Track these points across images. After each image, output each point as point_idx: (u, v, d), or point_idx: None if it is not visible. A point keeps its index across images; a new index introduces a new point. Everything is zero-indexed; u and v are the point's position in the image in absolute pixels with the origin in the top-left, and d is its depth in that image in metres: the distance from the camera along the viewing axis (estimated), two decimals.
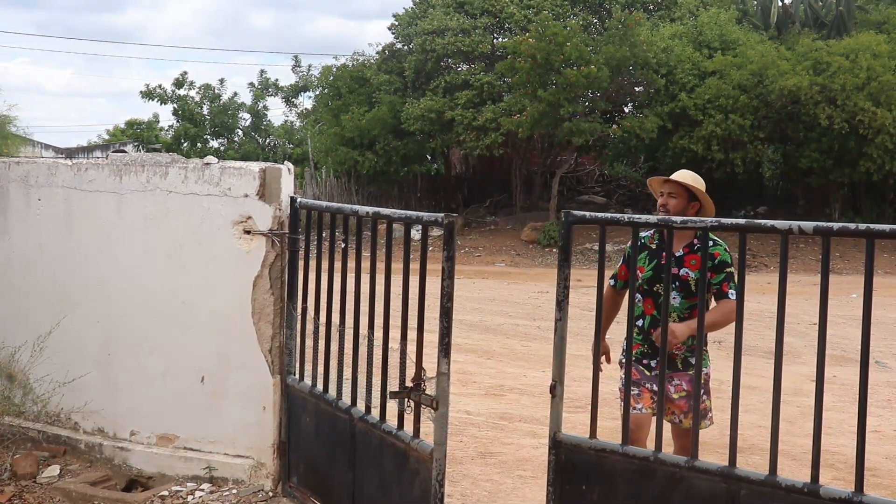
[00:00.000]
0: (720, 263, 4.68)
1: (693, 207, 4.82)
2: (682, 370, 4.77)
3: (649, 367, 4.78)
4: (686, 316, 4.68)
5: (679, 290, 4.72)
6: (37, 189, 5.94)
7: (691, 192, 4.81)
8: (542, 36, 22.61)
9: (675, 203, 4.80)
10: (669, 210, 4.78)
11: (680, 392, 4.77)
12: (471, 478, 5.96)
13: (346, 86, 28.60)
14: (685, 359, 4.76)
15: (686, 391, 4.74)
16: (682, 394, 4.77)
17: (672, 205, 4.80)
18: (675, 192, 4.81)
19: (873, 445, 6.64)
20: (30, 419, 5.98)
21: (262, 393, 5.32)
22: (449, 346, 4.03)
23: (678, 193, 4.80)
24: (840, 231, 3.44)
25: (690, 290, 4.69)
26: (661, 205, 4.85)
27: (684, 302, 4.71)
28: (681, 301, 4.72)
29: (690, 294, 4.68)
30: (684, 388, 4.76)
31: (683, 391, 4.76)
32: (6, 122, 31.35)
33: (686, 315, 4.68)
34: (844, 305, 13.75)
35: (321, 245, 5.10)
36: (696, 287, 4.61)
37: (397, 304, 4.30)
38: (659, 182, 4.96)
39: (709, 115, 23.10)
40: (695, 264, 4.66)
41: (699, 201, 4.83)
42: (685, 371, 4.75)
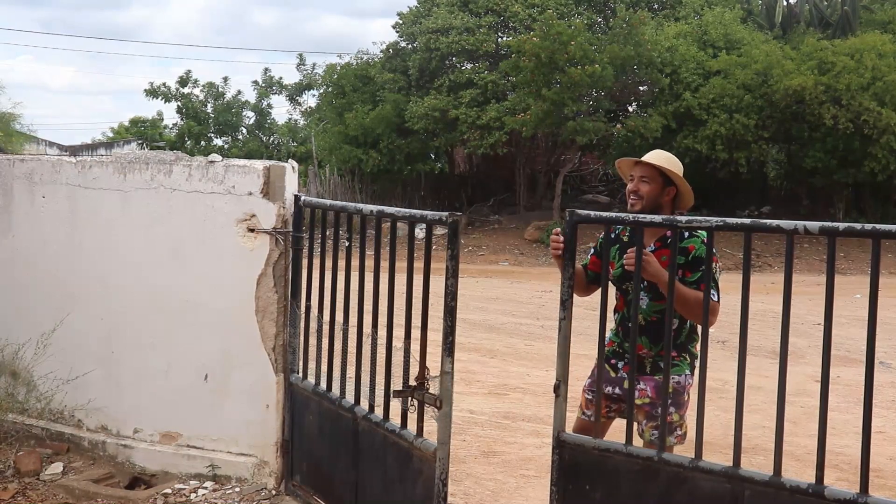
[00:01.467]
0: (695, 260, 4.19)
1: (669, 193, 4.33)
2: (650, 374, 4.31)
3: (616, 368, 4.42)
4: (654, 320, 4.26)
5: (647, 291, 4.26)
6: (41, 186, 5.94)
7: (666, 175, 4.32)
8: (547, 35, 22.59)
9: (648, 188, 4.30)
10: (642, 196, 4.31)
11: (644, 398, 4.29)
12: (474, 477, 5.95)
13: (350, 84, 28.61)
14: (655, 362, 4.28)
15: (650, 398, 4.28)
16: (646, 400, 4.30)
17: (645, 190, 4.30)
18: (648, 176, 4.31)
19: (878, 446, 6.62)
20: (33, 416, 5.98)
21: (265, 391, 5.31)
22: (453, 344, 4.03)
23: (651, 178, 4.30)
24: (846, 231, 3.43)
25: (659, 292, 4.18)
26: (632, 190, 4.34)
27: (653, 304, 4.28)
28: (648, 303, 4.29)
29: (659, 296, 4.19)
30: (648, 395, 4.29)
31: (647, 398, 4.29)
32: (10, 119, 31.40)
33: (655, 318, 4.26)
34: (849, 306, 13.72)
35: (325, 243, 5.09)
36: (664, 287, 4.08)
37: (401, 302, 4.30)
38: (629, 164, 4.42)
39: (713, 115, 23.07)
40: (666, 260, 4.08)
41: (675, 186, 4.35)
42: (653, 376, 4.29)
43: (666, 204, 4.35)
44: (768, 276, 18.77)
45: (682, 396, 4.33)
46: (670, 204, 4.37)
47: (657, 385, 4.24)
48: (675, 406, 4.27)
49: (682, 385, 4.32)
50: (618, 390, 4.41)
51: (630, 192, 4.37)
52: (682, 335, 4.34)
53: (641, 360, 4.32)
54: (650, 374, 4.33)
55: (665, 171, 4.31)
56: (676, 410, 4.30)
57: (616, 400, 4.44)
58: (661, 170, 4.31)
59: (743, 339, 3.70)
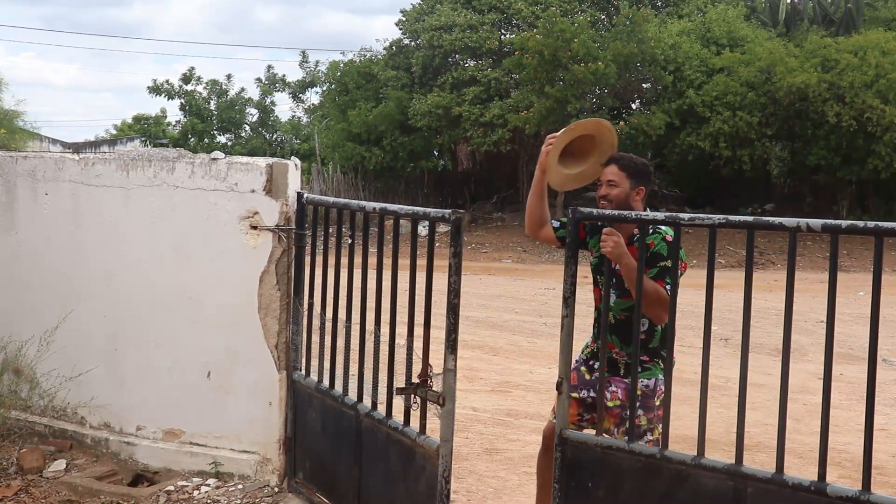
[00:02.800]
0: (653, 256, 4.11)
1: (639, 193, 4.27)
2: (623, 377, 4.25)
3: (592, 370, 4.35)
4: (623, 318, 4.20)
5: (615, 288, 4.23)
6: (44, 184, 5.94)
7: (635, 176, 4.27)
8: (550, 32, 22.60)
9: (617, 192, 4.25)
10: (611, 199, 4.25)
11: (615, 400, 4.24)
12: (477, 474, 5.96)
13: (353, 81, 28.63)
14: (628, 364, 4.19)
15: (620, 401, 4.22)
16: (617, 402, 4.24)
17: (614, 193, 4.25)
18: (616, 179, 4.26)
19: (880, 444, 6.61)
20: (36, 413, 5.99)
21: (268, 388, 5.32)
22: (456, 342, 4.03)
23: (619, 180, 4.25)
24: (849, 229, 3.42)
25: (625, 288, 4.14)
26: (601, 195, 4.29)
27: (620, 301, 4.23)
28: (616, 300, 4.24)
29: (626, 293, 4.14)
30: (619, 398, 4.23)
31: (618, 400, 4.23)
32: (14, 116, 31.38)
33: (623, 317, 4.21)
34: (852, 303, 13.72)
35: (328, 241, 5.10)
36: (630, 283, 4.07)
37: (404, 300, 4.30)
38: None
39: (716, 112, 23.05)
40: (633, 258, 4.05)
41: (643, 185, 4.28)
42: (625, 378, 4.22)
43: (636, 203, 4.29)
44: (771, 274, 18.76)
45: (651, 400, 4.22)
46: (641, 203, 4.32)
47: (627, 387, 4.16)
48: (643, 409, 4.17)
49: (652, 389, 4.22)
50: (592, 393, 4.32)
51: (599, 196, 4.33)
52: (655, 339, 4.25)
53: (615, 362, 4.26)
54: (622, 377, 4.26)
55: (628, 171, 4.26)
56: (644, 414, 4.19)
57: (589, 407, 4.35)
58: (627, 171, 4.26)
59: (745, 337, 3.70)
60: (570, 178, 4.49)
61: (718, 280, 4.09)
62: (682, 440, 6.08)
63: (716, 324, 4.32)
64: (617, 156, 4.37)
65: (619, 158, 4.35)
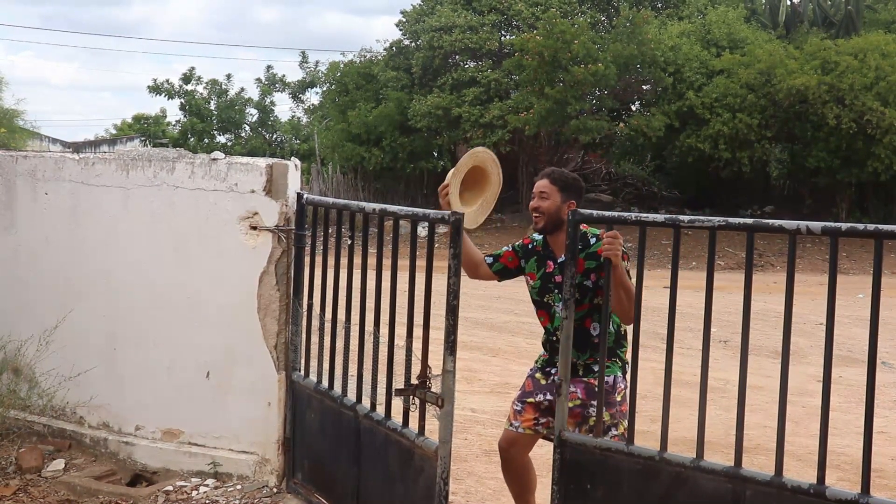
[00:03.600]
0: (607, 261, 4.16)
1: (570, 206, 4.35)
2: (582, 376, 4.37)
3: (548, 375, 4.47)
4: (576, 327, 4.25)
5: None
6: (44, 183, 5.94)
7: (565, 190, 4.41)
8: (550, 33, 22.61)
9: (548, 204, 4.39)
10: (543, 212, 4.40)
11: (574, 400, 4.31)
12: (475, 475, 5.96)
13: (353, 82, 28.63)
14: (587, 366, 4.37)
15: (581, 399, 4.33)
16: (577, 402, 4.32)
17: (545, 206, 4.40)
18: (547, 192, 4.40)
19: (880, 446, 6.61)
20: (35, 413, 5.99)
21: (267, 389, 5.32)
22: (455, 343, 4.03)
23: (550, 193, 4.39)
24: (848, 231, 3.43)
25: (575, 299, 4.24)
26: (533, 207, 4.44)
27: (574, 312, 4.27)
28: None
29: (576, 303, 4.24)
30: (579, 396, 4.33)
31: (578, 399, 4.33)
32: (14, 115, 31.37)
33: (576, 326, 4.25)
34: (851, 305, 13.71)
35: (327, 241, 5.09)
36: (581, 294, 4.28)
37: (403, 300, 4.30)
38: None
39: (716, 114, 23.07)
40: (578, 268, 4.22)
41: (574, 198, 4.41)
42: (584, 377, 4.37)
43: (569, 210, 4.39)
44: (770, 276, 18.76)
45: (612, 396, 4.35)
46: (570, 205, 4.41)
47: (587, 386, 4.35)
48: (605, 406, 4.24)
49: (613, 385, 4.36)
50: (549, 396, 4.43)
51: (531, 208, 4.47)
52: (610, 340, 4.34)
53: (573, 364, 4.33)
54: (581, 377, 4.39)
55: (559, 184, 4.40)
56: (607, 410, 4.27)
57: (545, 411, 4.45)
58: (558, 185, 4.41)
59: (745, 339, 3.70)
60: (478, 213, 4.62)
61: (718, 282, 4.10)
62: (681, 442, 6.08)
63: (715, 326, 4.31)
64: (549, 170, 4.55)
65: (550, 172, 4.51)
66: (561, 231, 4.35)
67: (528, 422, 4.46)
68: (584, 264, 4.31)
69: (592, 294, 4.35)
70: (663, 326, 4.11)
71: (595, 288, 4.32)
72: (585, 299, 4.35)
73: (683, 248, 4.06)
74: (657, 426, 4.02)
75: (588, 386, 4.35)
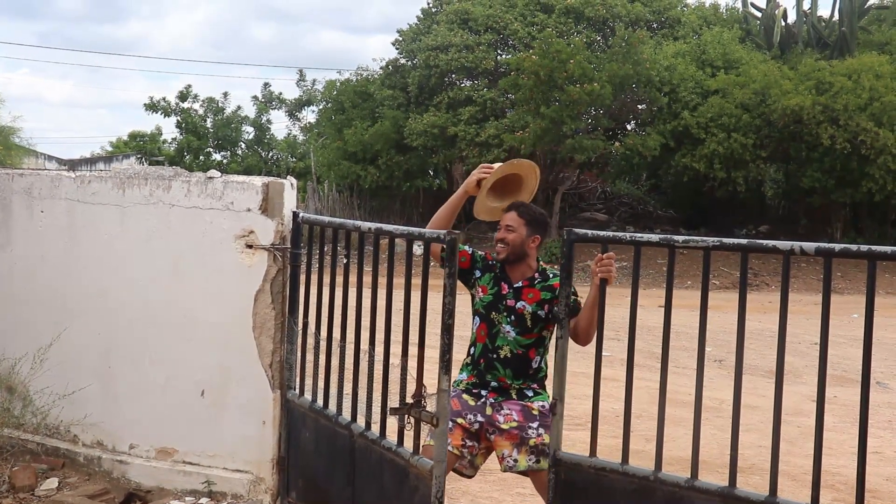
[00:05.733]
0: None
1: (534, 241, 4.49)
2: (517, 399, 4.48)
3: (478, 396, 4.50)
4: (520, 353, 4.43)
5: (514, 325, 4.45)
6: (40, 201, 5.95)
7: (531, 224, 4.50)
8: (546, 53, 22.69)
9: (513, 237, 4.48)
10: (508, 244, 4.48)
11: (510, 422, 4.42)
12: (470, 495, 5.95)
13: (349, 100, 28.71)
14: (520, 390, 4.47)
15: (517, 421, 4.42)
16: (513, 424, 4.42)
17: (510, 238, 4.48)
18: (514, 225, 4.49)
19: (874, 467, 6.62)
20: (29, 431, 5.97)
21: (261, 407, 5.31)
22: (450, 362, 4.03)
23: (517, 226, 4.48)
24: (842, 252, 3.44)
25: (527, 326, 4.43)
26: (499, 238, 4.52)
27: (520, 338, 4.45)
28: (515, 336, 4.45)
29: (527, 330, 4.43)
30: (515, 419, 4.43)
31: (514, 421, 4.42)
32: (10, 132, 31.41)
33: (520, 352, 4.43)
34: (845, 325, 13.73)
35: (323, 260, 5.10)
36: (532, 322, 4.42)
37: (398, 319, 4.30)
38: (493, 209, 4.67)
39: (711, 134, 23.15)
40: (532, 297, 4.44)
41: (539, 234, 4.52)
42: (519, 400, 4.47)
43: (531, 250, 4.53)
44: (765, 295, 18.78)
45: (549, 419, 4.38)
46: (535, 251, 4.54)
47: (523, 409, 4.46)
48: (544, 428, 4.41)
49: (548, 410, 4.44)
50: (479, 418, 4.48)
51: (497, 239, 4.55)
52: (541, 373, 4.55)
53: (507, 389, 4.48)
54: (516, 399, 4.48)
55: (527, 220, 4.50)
56: (546, 432, 4.40)
57: (473, 435, 4.49)
58: (525, 219, 4.49)
59: (739, 358, 3.71)
60: (489, 211, 4.77)
61: (713, 301, 4.11)
62: (675, 462, 6.09)
63: (710, 345, 4.32)
64: (517, 203, 4.61)
65: (518, 206, 4.59)
66: (521, 263, 4.51)
67: (456, 440, 4.44)
68: (540, 295, 4.45)
69: (543, 325, 4.47)
70: (658, 346, 4.11)
71: (546, 319, 4.45)
72: (536, 328, 4.46)
73: (678, 268, 4.06)
74: (652, 445, 4.03)
75: (524, 408, 4.45)
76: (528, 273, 4.53)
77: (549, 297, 4.45)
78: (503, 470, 4.50)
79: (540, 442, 4.38)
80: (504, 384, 4.47)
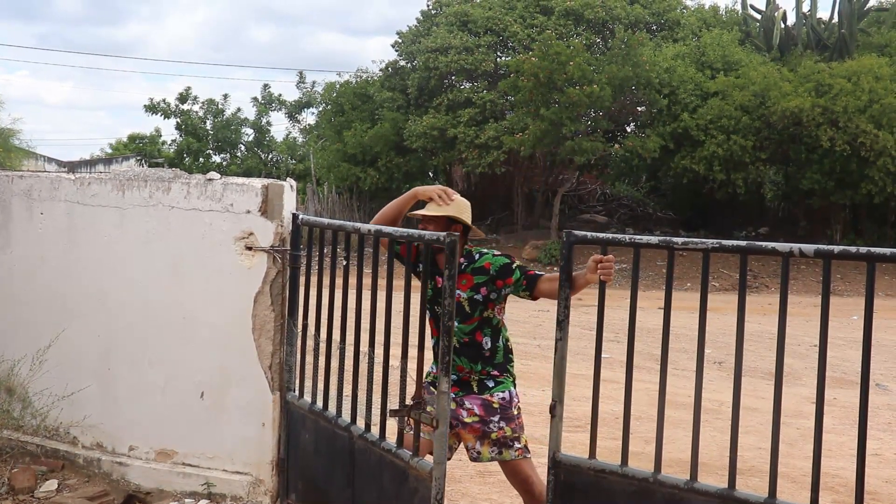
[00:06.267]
0: (503, 268, 4.45)
1: (455, 230, 4.44)
2: (478, 393, 4.52)
3: None
4: (466, 341, 4.48)
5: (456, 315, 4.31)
6: (39, 203, 5.95)
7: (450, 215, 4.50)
8: (546, 55, 22.71)
9: (432, 228, 4.47)
10: None
11: (472, 416, 4.50)
12: (470, 497, 5.95)
13: (349, 102, 28.73)
14: (481, 381, 4.51)
15: (479, 416, 4.49)
16: (476, 419, 4.50)
17: (431, 229, 4.46)
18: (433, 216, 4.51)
19: (873, 469, 6.62)
20: (28, 433, 5.97)
21: (261, 409, 5.31)
22: (449, 364, 4.03)
23: (436, 218, 4.51)
24: (841, 254, 3.44)
25: (466, 313, 4.45)
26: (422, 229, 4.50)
27: (462, 325, 4.47)
28: (458, 325, 4.46)
29: (467, 317, 4.46)
30: (476, 413, 4.50)
31: (476, 416, 4.50)
32: (9, 134, 31.42)
33: (466, 340, 4.48)
34: (845, 327, 13.74)
35: (322, 262, 5.10)
36: (471, 307, 4.45)
37: (398, 321, 4.30)
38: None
39: (711, 136, 23.16)
40: (465, 284, 4.45)
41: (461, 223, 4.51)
42: (480, 394, 4.51)
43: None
44: (765, 297, 18.78)
45: (509, 411, 4.53)
46: (461, 238, 4.50)
47: (483, 402, 4.51)
48: (504, 420, 4.51)
49: (508, 400, 4.54)
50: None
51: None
52: (499, 355, 4.55)
53: (467, 381, 4.52)
54: (477, 393, 4.53)
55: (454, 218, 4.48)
56: (507, 424, 4.51)
57: None
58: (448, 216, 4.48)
59: (739, 360, 3.71)
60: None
61: (712, 303, 4.12)
62: (675, 464, 6.09)
63: (709, 347, 4.32)
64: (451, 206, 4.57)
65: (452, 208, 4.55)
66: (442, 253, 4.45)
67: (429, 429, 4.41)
68: (473, 279, 4.47)
69: (483, 307, 4.50)
70: (657, 348, 4.12)
71: (486, 301, 4.48)
72: (476, 312, 4.49)
73: (678, 270, 4.07)
74: (651, 447, 4.03)
75: (484, 402, 4.50)
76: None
77: (484, 280, 4.45)
78: (470, 459, 4.62)
79: (501, 436, 4.50)
80: (464, 374, 4.52)
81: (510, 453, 4.52)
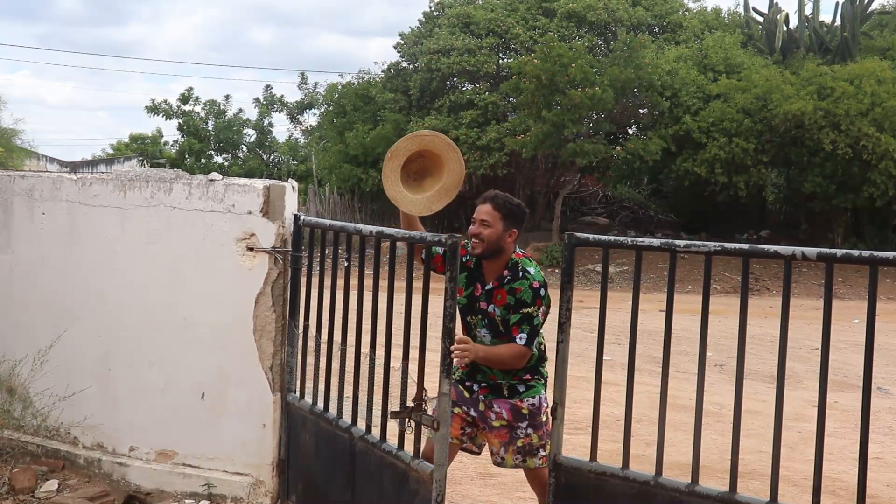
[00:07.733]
0: (518, 302, 4.28)
1: (511, 235, 4.34)
2: (507, 397, 4.42)
3: (471, 390, 4.48)
4: None
5: (488, 328, 4.38)
6: (41, 203, 5.95)
7: (508, 218, 4.34)
8: (548, 57, 22.68)
9: (489, 232, 4.31)
10: (483, 239, 4.32)
11: (501, 420, 4.42)
12: (470, 499, 5.94)
13: (351, 103, 28.72)
14: (512, 386, 4.41)
15: (507, 420, 4.41)
16: (504, 422, 4.41)
17: (486, 234, 4.32)
18: (490, 220, 4.32)
19: (875, 472, 6.61)
20: (29, 433, 5.96)
21: (262, 410, 5.31)
22: (450, 366, 4.03)
23: (493, 221, 4.32)
24: (843, 258, 3.44)
25: (499, 330, 4.34)
26: (474, 233, 4.36)
27: (495, 341, 4.37)
28: (491, 340, 4.38)
29: (499, 333, 4.34)
30: (504, 417, 4.41)
31: (504, 420, 4.41)
32: (11, 135, 31.46)
33: None
34: (847, 331, 13.72)
35: (324, 263, 5.10)
36: (503, 327, 4.33)
37: (399, 323, 4.30)
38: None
39: (712, 138, 23.13)
40: (500, 300, 4.32)
41: (516, 227, 4.36)
42: (510, 398, 4.41)
43: (508, 245, 4.39)
44: (766, 300, 18.77)
45: (538, 418, 4.43)
46: (512, 245, 4.41)
47: (512, 407, 4.41)
48: (532, 427, 4.41)
49: (538, 406, 4.43)
50: (472, 412, 4.51)
51: (472, 234, 4.39)
52: (533, 359, 4.42)
53: (499, 385, 4.44)
54: (507, 397, 4.43)
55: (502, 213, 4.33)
56: (535, 432, 4.42)
57: (471, 423, 4.54)
58: (501, 212, 4.32)
59: (740, 363, 3.70)
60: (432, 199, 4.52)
61: (714, 306, 4.11)
62: (676, 467, 6.07)
63: (711, 350, 4.32)
64: (492, 194, 4.44)
65: (494, 197, 4.41)
66: (497, 259, 4.38)
67: (455, 430, 4.46)
68: (506, 298, 4.33)
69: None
70: (659, 350, 4.11)
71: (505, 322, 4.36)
72: (507, 331, 4.35)
73: (679, 272, 4.07)
74: (652, 450, 4.02)
75: (513, 407, 4.41)
76: (498, 271, 4.38)
77: (513, 303, 4.31)
78: (494, 464, 4.55)
79: (527, 443, 4.42)
80: (494, 381, 4.44)
81: (534, 461, 4.44)
